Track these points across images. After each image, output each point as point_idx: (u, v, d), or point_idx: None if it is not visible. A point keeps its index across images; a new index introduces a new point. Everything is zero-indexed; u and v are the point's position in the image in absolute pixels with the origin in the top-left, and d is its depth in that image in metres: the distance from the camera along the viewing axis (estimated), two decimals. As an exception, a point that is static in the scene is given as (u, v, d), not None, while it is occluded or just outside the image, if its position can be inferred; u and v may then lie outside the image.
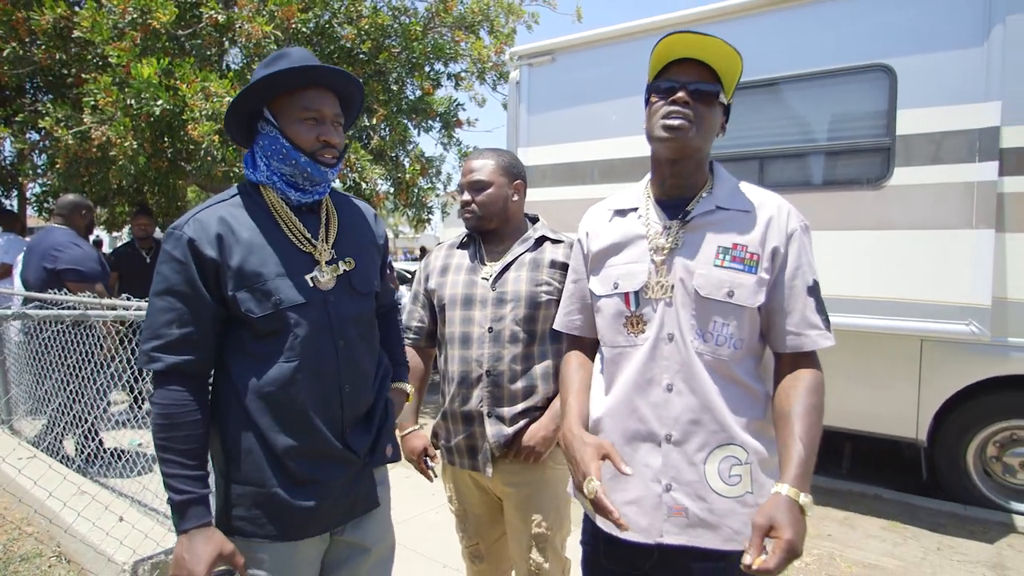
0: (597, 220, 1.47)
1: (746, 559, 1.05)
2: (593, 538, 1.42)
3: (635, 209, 1.39)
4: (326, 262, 1.36)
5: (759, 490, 1.25)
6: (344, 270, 1.38)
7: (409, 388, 1.68)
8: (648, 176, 1.43)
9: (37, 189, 7.66)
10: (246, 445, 1.29)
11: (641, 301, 1.31)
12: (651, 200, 1.38)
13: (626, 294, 1.33)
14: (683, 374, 1.27)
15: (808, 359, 1.28)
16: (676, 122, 1.25)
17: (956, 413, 3.76)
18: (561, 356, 1.59)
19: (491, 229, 1.93)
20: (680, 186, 1.34)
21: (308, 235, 1.36)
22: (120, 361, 3.42)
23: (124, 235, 10.20)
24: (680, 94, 1.25)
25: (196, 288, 1.24)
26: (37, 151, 6.44)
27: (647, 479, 1.28)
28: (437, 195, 7.50)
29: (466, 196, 1.91)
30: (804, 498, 1.10)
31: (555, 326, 1.59)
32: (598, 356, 1.47)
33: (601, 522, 1.34)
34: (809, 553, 3.23)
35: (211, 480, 1.31)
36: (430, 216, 7.39)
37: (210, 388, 1.36)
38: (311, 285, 1.32)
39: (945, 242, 3.35)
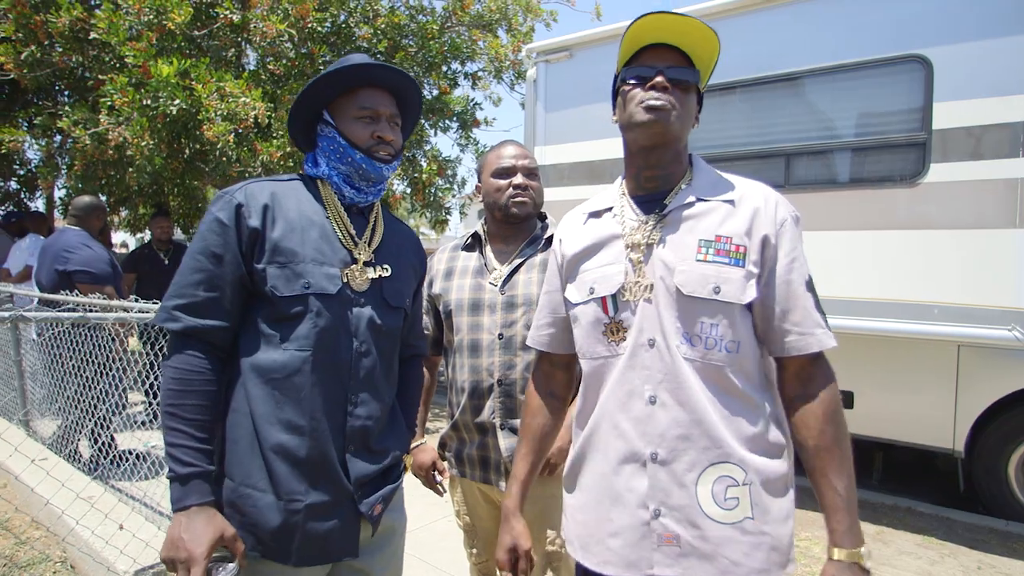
0: (571, 225, 1.35)
1: None
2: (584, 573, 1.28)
3: (610, 209, 1.27)
4: (364, 263, 1.33)
5: (761, 515, 1.10)
6: (380, 275, 1.36)
7: (408, 461, 1.60)
8: (622, 176, 1.31)
9: (62, 192, 7.77)
10: (235, 434, 1.21)
11: (619, 305, 1.18)
12: (626, 197, 1.26)
13: (603, 299, 1.20)
14: (668, 384, 1.13)
15: (818, 365, 1.14)
16: (658, 103, 1.14)
17: (997, 423, 3.57)
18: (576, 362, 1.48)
19: (525, 219, 1.81)
20: (657, 178, 1.22)
21: (353, 232, 1.34)
22: (127, 362, 3.38)
23: (144, 237, 10.31)
24: (659, 79, 1.15)
25: (233, 253, 1.22)
26: (59, 154, 6.50)
27: (632, 505, 1.14)
28: (454, 196, 7.43)
29: (520, 180, 1.78)
30: (864, 551, 1.05)
31: (527, 341, 1.46)
32: (579, 371, 1.34)
33: (583, 557, 1.23)
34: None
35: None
36: (448, 217, 7.33)
37: None
38: (344, 280, 1.29)
39: (985, 243, 3.17)
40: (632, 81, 1.19)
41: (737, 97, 3.90)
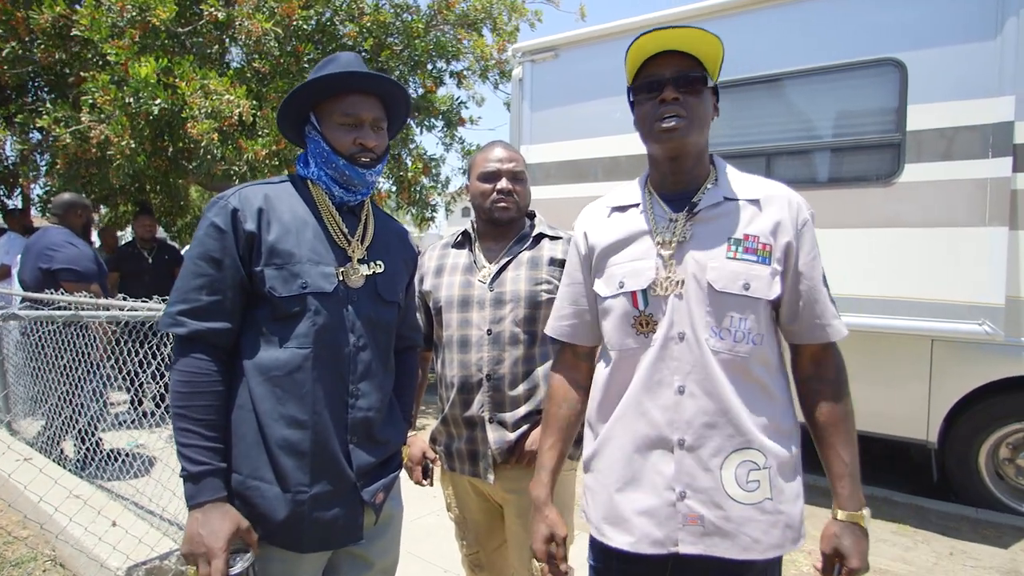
0: (595, 218, 1.39)
1: None
2: (603, 556, 1.34)
3: (636, 205, 1.32)
4: (358, 260, 1.37)
5: (778, 495, 1.20)
6: (374, 272, 1.40)
7: (404, 452, 1.64)
8: (645, 172, 1.37)
9: (39, 190, 7.66)
10: (241, 430, 1.25)
11: (650, 299, 1.24)
12: (653, 195, 1.32)
13: (633, 293, 1.25)
14: (696, 375, 1.20)
15: (831, 350, 1.27)
16: (670, 124, 1.21)
17: (968, 414, 3.68)
18: None
19: (510, 223, 1.85)
20: (682, 181, 1.29)
21: (346, 231, 1.38)
22: (116, 361, 3.38)
23: (127, 234, 10.18)
24: (667, 91, 1.20)
25: (232, 258, 1.25)
26: (39, 152, 6.42)
27: (660, 487, 1.22)
28: (439, 194, 7.45)
29: (505, 184, 1.81)
30: (865, 514, 1.19)
31: (546, 331, 1.49)
32: (601, 362, 1.39)
33: (609, 535, 1.27)
34: (817, 558, 3.16)
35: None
36: (434, 215, 7.35)
37: None
38: (340, 278, 1.33)
39: (957, 240, 3.27)
40: (644, 91, 1.24)
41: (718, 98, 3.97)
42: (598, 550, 1.35)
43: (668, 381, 1.22)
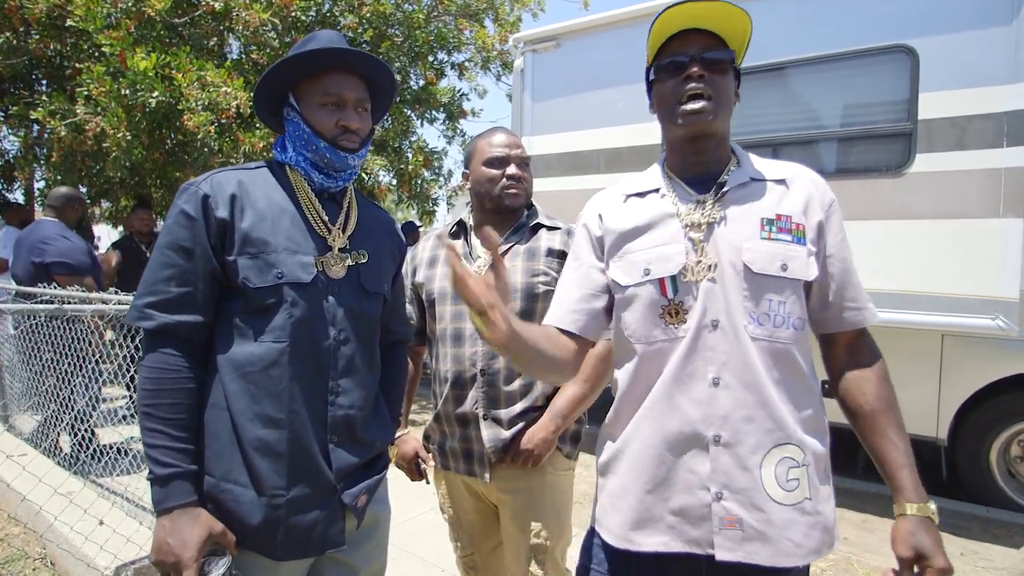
0: (610, 203, 1.29)
1: None
2: (621, 564, 1.19)
3: (656, 190, 1.23)
4: (339, 249, 1.30)
5: (816, 495, 1.11)
6: (357, 262, 1.33)
7: (392, 451, 1.56)
8: (662, 157, 1.28)
9: (42, 184, 7.62)
10: (214, 429, 1.19)
11: (679, 286, 1.14)
12: (674, 179, 1.23)
13: (661, 280, 1.15)
14: (732, 365, 1.10)
15: (866, 336, 1.21)
16: (696, 105, 1.13)
17: (979, 411, 3.60)
18: None
19: (518, 209, 1.79)
20: (704, 163, 1.21)
21: (326, 219, 1.31)
22: (105, 355, 3.32)
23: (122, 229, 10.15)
24: (694, 68, 1.12)
25: (203, 247, 1.18)
26: (37, 144, 6.37)
27: (693, 487, 1.11)
28: (441, 187, 7.37)
29: (515, 170, 1.75)
30: (932, 506, 1.08)
31: (552, 322, 1.29)
32: (620, 363, 1.25)
33: (641, 541, 1.14)
34: (825, 559, 3.09)
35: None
36: (435, 208, 7.27)
37: None
38: (318, 269, 1.26)
39: (969, 232, 3.18)
40: (666, 71, 1.17)
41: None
42: (616, 557, 1.21)
43: (701, 373, 1.12)
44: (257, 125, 5.37)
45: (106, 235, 13.82)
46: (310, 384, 1.23)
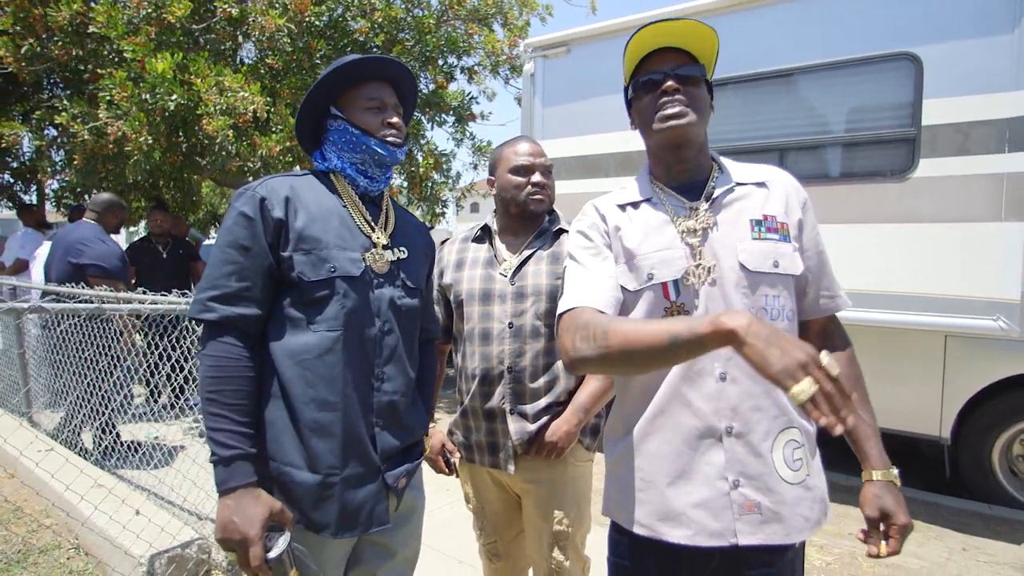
0: (608, 209, 1.35)
1: (872, 551, 1.17)
2: (638, 552, 1.26)
3: (648, 199, 1.32)
4: (382, 246, 1.42)
5: (813, 471, 1.23)
6: (398, 257, 1.44)
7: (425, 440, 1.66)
8: (644, 170, 1.37)
9: (56, 185, 7.74)
10: (271, 416, 1.28)
11: (681, 289, 1.23)
12: (663, 189, 1.32)
13: (663, 284, 1.23)
14: (736, 360, 1.15)
15: (837, 322, 1.35)
16: (674, 110, 1.23)
17: (982, 411, 3.68)
18: None
19: (541, 215, 1.90)
20: (687, 171, 1.30)
21: (369, 218, 1.43)
22: (137, 355, 3.43)
23: (140, 230, 10.28)
24: (669, 83, 1.23)
25: (260, 245, 1.28)
26: (55, 147, 6.49)
27: (712, 478, 1.19)
28: (450, 190, 7.47)
29: (539, 178, 1.86)
30: (894, 471, 1.20)
31: (591, 303, 1.22)
32: None
33: (666, 532, 1.20)
34: (830, 552, 3.18)
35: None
36: (444, 210, 7.36)
37: None
38: (366, 263, 1.37)
39: (972, 235, 3.26)
40: (643, 88, 1.27)
41: (731, 93, 3.97)
42: (630, 545, 1.28)
43: (709, 369, 1.20)
44: (273, 129, 5.48)
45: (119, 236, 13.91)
46: (358, 371, 1.33)
